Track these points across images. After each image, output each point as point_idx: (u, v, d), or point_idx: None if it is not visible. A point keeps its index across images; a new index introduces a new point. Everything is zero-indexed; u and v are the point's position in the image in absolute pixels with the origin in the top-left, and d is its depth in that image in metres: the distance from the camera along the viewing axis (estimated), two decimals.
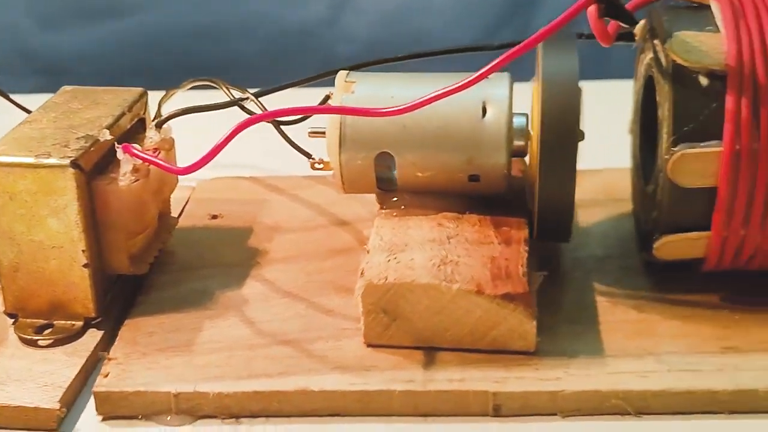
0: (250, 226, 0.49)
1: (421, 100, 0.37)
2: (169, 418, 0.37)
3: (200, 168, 0.37)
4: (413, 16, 1.16)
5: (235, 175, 0.55)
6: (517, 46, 0.35)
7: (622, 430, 0.36)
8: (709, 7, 0.40)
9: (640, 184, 0.45)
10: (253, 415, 0.37)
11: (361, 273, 0.39)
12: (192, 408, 0.37)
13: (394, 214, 0.43)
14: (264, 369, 0.38)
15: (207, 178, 0.54)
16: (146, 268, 0.43)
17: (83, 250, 0.39)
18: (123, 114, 0.43)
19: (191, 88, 0.49)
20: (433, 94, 0.37)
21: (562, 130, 0.39)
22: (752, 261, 0.40)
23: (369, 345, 0.39)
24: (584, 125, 0.41)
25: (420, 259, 0.39)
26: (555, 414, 0.37)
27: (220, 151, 0.37)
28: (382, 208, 0.44)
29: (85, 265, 0.40)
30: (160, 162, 0.39)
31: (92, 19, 1.07)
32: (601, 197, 0.50)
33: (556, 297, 0.42)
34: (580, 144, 0.39)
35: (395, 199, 0.43)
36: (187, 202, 0.52)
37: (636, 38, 0.43)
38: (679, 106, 0.38)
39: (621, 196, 0.49)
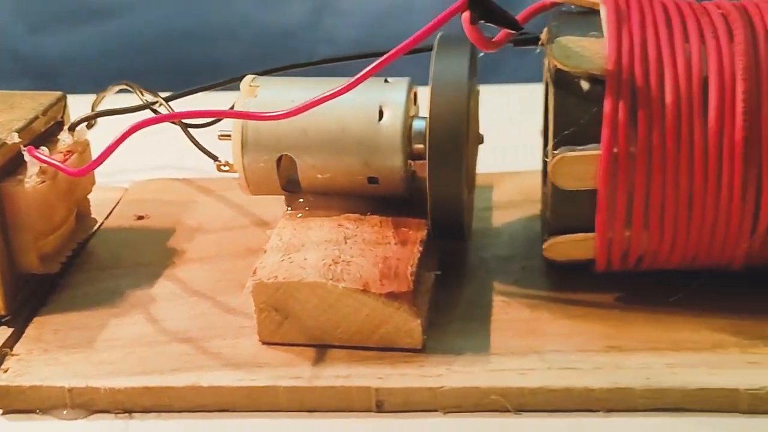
0: (174, 226, 0.50)
1: (304, 104, 0.38)
2: (65, 412, 0.39)
3: (93, 169, 0.39)
4: (395, 18, 1.17)
5: (170, 177, 0.56)
6: (389, 53, 0.36)
7: (501, 427, 0.37)
8: (598, 12, 0.40)
9: (542, 185, 0.46)
10: (146, 410, 0.38)
11: (254, 272, 0.40)
12: (86, 403, 0.39)
13: (299, 215, 0.44)
14: (158, 366, 0.39)
15: (141, 180, 0.56)
16: (57, 267, 0.44)
17: None
18: (37, 117, 0.44)
19: (120, 92, 0.50)
20: (316, 98, 0.38)
21: (448, 132, 0.40)
22: (642, 262, 0.41)
23: (264, 342, 0.40)
24: (504, 128, 0.42)
25: (312, 259, 0.40)
26: (436, 410, 0.38)
27: (111, 153, 0.38)
28: (288, 208, 0.45)
29: None
30: (58, 164, 0.40)
31: (80, 22, 1.09)
32: (517, 199, 0.51)
33: (454, 296, 0.43)
34: (500, 146, 0.40)
35: (301, 200, 0.45)
36: (117, 203, 0.53)
37: (541, 43, 0.43)
38: (560, 110, 0.39)
39: (537, 198, 0.50)
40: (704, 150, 0.37)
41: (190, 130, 0.46)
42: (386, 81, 0.43)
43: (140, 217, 0.51)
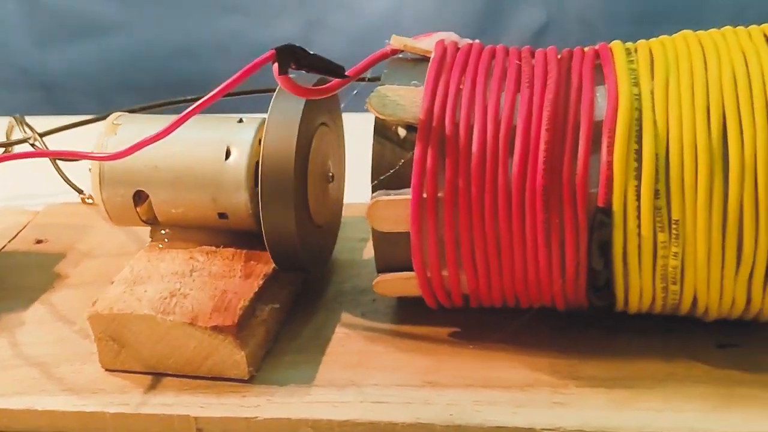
0: (66, 251, 0.53)
1: (129, 147, 0.40)
2: None
3: None
4: (385, 34, 1.18)
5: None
6: (204, 97, 0.39)
7: None
8: (428, 60, 0.42)
9: None
10: None
11: (93, 303, 0.42)
12: None
13: (160, 246, 0.47)
14: (4, 388, 0.42)
15: (54, 203, 0.59)
16: None
17: None
18: None
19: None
20: (141, 141, 0.40)
21: (277, 170, 0.42)
22: (470, 300, 0.42)
23: (106, 369, 0.43)
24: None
25: (152, 292, 0.43)
26: None
27: None
28: (151, 240, 0.47)
29: None
30: None
31: (83, 37, 1.13)
32: None
33: (299, 327, 0.45)
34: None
35: (163, 231, 0.47)
36: (24, 227, 0.56)
37: None
38: (378, 156, 0.41)
39: None
40: (508, 197, 0.39)
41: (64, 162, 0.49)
42: (240, 121, 0.45)
43: (39, 241, 0.54)
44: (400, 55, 0.44)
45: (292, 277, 0.46)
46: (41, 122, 0.58)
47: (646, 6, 1.02)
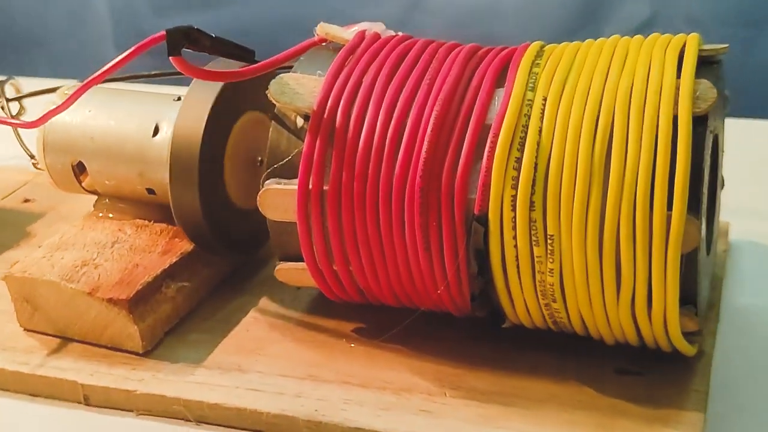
0: (45, 213, 0.56)
1: (45, 114, 0.42)
2: None
3: None
4: (484, 20, 1.18)
5: None
6: (95, 74, 0.40)
7: None
8: None
9: None
10: None
11: (13, 264, 0.44)
12: None
13: (100, 215, 0.48)
14: None
15: None
16: None
17: None
18: None
19: None
20: (51, 109, 0.42)
21: (184, 150, 0.42)
22: (369, 296, 0.42)
23: (25, 329, 0.45)
24: None
25: (68, 259, 0.44)
26: (132, 411, 0.41)
27: None
28: (94, 208, 0.49)
29: None
30: None
31: (198, 8, 1.18)
32: None
33: (216, 308, 0.46)
34: None
35: (105, 201, 0.48)
36: (23, 186, 0.59)
37: None
38: (273, 144, 0.40)
39: None
40: (389, 195, 0.38)
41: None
42: (178, 99, 0.46)
43: (26, 200, 0.57)
44: (324, 44, 0.43)
45: (218, 259, 0.47)
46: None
47: (755, 8, 0.97)
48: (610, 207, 0.35)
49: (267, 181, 0.40)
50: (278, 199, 0.40)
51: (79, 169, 0.47)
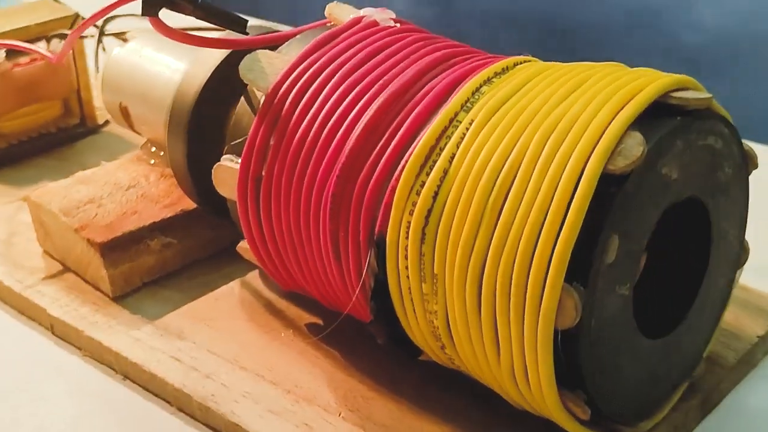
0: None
1: (62, 50, 0.44)
2: None
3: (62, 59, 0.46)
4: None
5: None
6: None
7: (104, 384, 0.41)
8: None
9: None
10: None
11: (38, 189, 0.47)
12: None
13: (144, 157, 0.50)
14: None
15: None
16: (5, 144, 0.56)
17: None
18: (28, 26, 0.55)
19: None
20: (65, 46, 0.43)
21: (180, 103, 0.42)
22: (310, 290, 0.40)
23: (44, 251, 0.48)
24: None
25: (82, 193, 0.46)
26: (80, 348, 0.42)
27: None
28: (140, 150, 0.50)
29: None
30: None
31: None
32: None
33: (204, 272, 0.46)
34: None
35: (149, 146, 0.50)
36: None
37: None
38: (237, 120, 0.39)
39: None
40: (310, 195, 0.36)
41: None
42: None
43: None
44: (329, 26, 0.41)
45: (226, 224, 0.46)
46: None
47: None
48: (490, 260, 0.30)
49: (223, 157, 0.39)
50: (227, 176, 0.39)
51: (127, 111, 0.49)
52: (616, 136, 0.30)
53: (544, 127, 0.31)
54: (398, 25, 0.39)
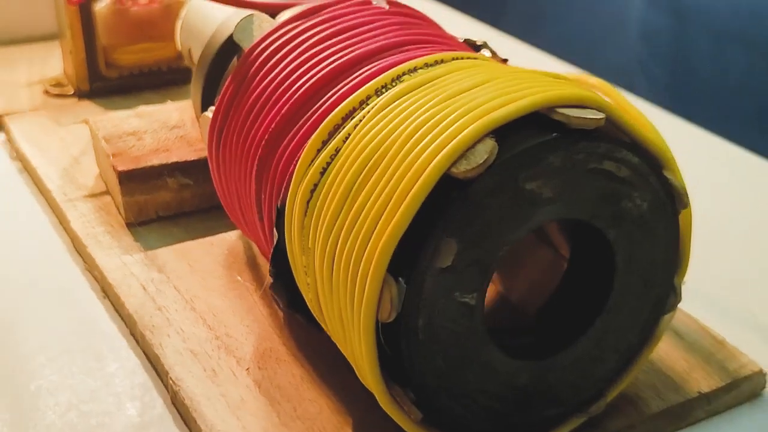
0: None
1: None
2: None
3: None
4: None
5: None
6: None
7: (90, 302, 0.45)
8: None
9: None
10: None
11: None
12: None
13: None
14: None
15: None
16: (116, 74, 0.61)
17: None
18: None
19: None
20: None
21: (205, 53, 0.45)
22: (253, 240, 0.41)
23: (99, 173, 0.52)
24: None
25: (133, 125, 0.51)
26: (85, 264, 0.47)
27: None
28: None
29: None
30: None
31: None
32: None
33: (216, 218, 0.48)
34: None
35: None
36: None
37: None
38: (227, 74, 0.41)
39: None
40: (247, 155, 0.37)
41: None
42: None
43: None
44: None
45: None
46: None
47: None
48: (340, 244, 0.31)
49: (209, 108, 0.42)
50: (204, 125, 0.41)
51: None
52: (469, 141, 0.29)
53: (419, 123, 0.30)
54: (387, 7, 0.40)
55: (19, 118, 0.58)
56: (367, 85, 0.34)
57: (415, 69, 0.34)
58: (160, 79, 0.63)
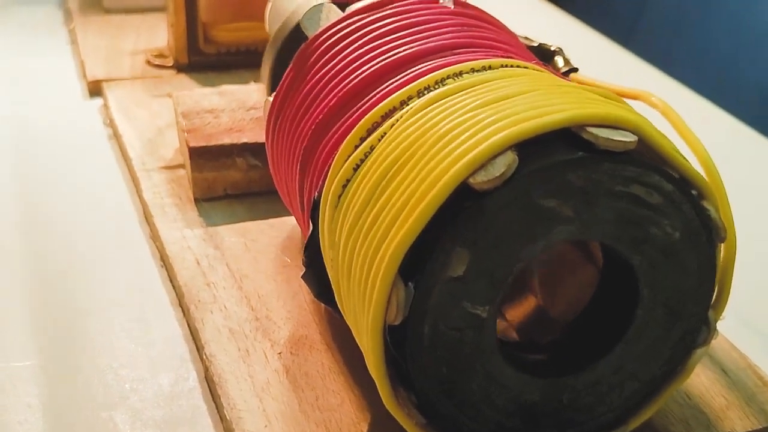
0: None
1: None
2: None
3: None
4: None
5: None
6: None
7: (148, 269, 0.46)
8: None
9: None
10: None
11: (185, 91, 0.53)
12: None
13: None
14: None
15: None
16: (214, 50, 0.63)
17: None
18: None
19: None
20: None
21: (275, 35, 0.46)
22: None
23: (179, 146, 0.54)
24: None
25: (213, 103, 0.52)
26: (151, 231, 0.48)
27: None
28: None
29: None
30: None
31: None
32: None
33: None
34: None
35: None
36: None
37: None
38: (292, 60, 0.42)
39: None
40: (296, 144, 0.38)
41: None
42: None
43: None
44: None
45: None
46: None
47: None
48: (360, 243, 0.31)
49: (277, 89, 0.42)
50: (265, 110, 0.42)
51: None
52: (489, 153, 0.28)
53: (447, 129, 0.30)
54: (452, 6, 0.39)
55: (115, 86, 0.60)
56: (410, 86, 0.34)
57: (460, 73, 0.34)
58: (256, 59, 0.64)
